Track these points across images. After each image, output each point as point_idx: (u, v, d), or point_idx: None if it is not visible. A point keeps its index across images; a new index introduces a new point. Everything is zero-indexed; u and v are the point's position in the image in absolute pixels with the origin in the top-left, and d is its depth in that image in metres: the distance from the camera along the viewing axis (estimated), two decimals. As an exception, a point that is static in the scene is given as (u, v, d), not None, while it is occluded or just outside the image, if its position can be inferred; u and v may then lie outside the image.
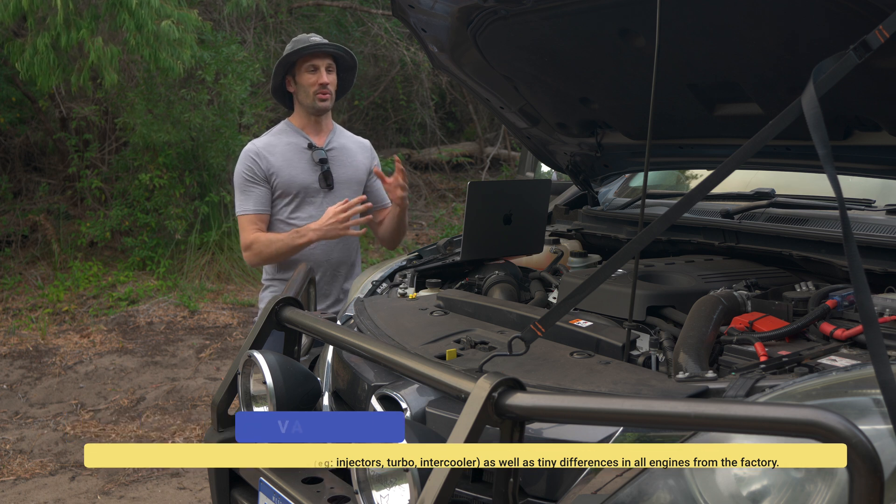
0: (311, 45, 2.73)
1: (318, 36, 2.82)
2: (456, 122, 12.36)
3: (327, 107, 2.79)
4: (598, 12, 1.89)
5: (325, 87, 2.75)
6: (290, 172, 2.75)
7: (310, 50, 2.73)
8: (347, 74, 2.90)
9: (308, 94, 2.77)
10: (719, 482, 1.07)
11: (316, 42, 2.75)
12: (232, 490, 1.76)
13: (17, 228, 7.19)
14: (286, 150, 2.78)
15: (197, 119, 6.98)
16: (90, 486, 3.49)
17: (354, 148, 2.91)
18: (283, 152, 2.77)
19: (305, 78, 2.76)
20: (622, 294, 1.74)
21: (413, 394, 1.46)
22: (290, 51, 2.75)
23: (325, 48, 2.74)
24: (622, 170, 2.80)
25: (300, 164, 2.77)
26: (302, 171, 2.76)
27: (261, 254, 2.72)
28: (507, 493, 1.13)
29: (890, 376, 0.92)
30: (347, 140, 2.92)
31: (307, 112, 2.81)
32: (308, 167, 2.77)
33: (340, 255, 2.83)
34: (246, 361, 1.67)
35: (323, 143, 2.83)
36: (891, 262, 1.73)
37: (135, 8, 5.24)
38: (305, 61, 2.76)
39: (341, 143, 2.87)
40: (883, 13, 1.28)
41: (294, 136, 2.82)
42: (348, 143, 2.90)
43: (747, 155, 1.20)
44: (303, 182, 2.76)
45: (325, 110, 2.80)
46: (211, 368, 5.11)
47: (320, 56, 2.75)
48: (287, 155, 2.77)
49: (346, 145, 2.88)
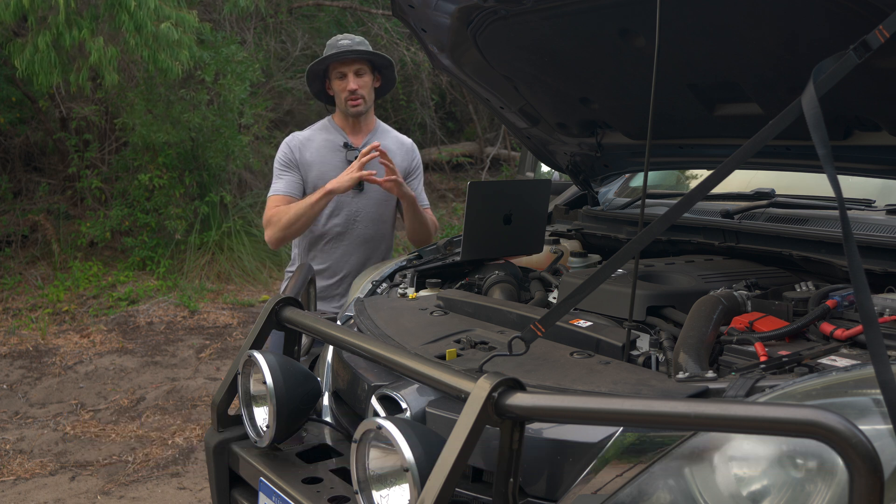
0: (334, 53, 2.74)
1: (349, 38, 2.81)
2: (456, 122, 12.36)
3: (360, 111, 2.80)
4: (598, 12, 1.89)
5: (355, 92, 2.76)
6: (321, 168, 2.78)
7: (333, 59, 2.73)
8: (387, 72, 2.90)
9: (341, 100, 2.81)
10: (719, 482, 1.07)
11: (343, 48, 2.75)
12: (232, 490, 1.76)
13: (17, 228, 7.18)
14: (322, 146, 2.82)
15: (196, 119, 6.98)
16: (90, 486, 3.49)
17: (393, 148, 2.89)
18: (319, 148, 2.81)
19: (336, 84, 2.80)
20: (622, 294, 1.74)
21: (413, 394, 1.46)
22: (317, 60, 2.79)
23: (349, 55, 2.74)
24: (622, 170, 2.80)
25: (333, 161, 2.80)
26: (334, 168, 2.78)
27: (279, 222, 2.71)
28: (507, 493, 1.13)
29: (890, 376, 0.92)
30: (388, 140, 2.91)
31: (345, 114, 2.83)
32: (341, 165, 2.79)
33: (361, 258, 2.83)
34: (246, 361, 1.67)
35: (360, 142, 2.84)
36: (891, 262, 1.73)
37: (133, 9, 5.25)
38: (335, 68, 2.77)
39: (381, 144, 2.86)
40: (883, 13, 1.28)
41: (332, 133, 2.86)
42: (389, 143, 2.89)
43: (747, 155, 1.20)
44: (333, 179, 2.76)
45: (358, 114, 2.82)
46: (211, 368, 5.11)
47: (347, 62, 2.75)
48: (322, 151, 2.81)
49: (387, 146, 2.84)
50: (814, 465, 1.02)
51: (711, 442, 1.10)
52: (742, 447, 1.08)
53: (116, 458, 3.78)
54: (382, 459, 1.26)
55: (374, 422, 1.23)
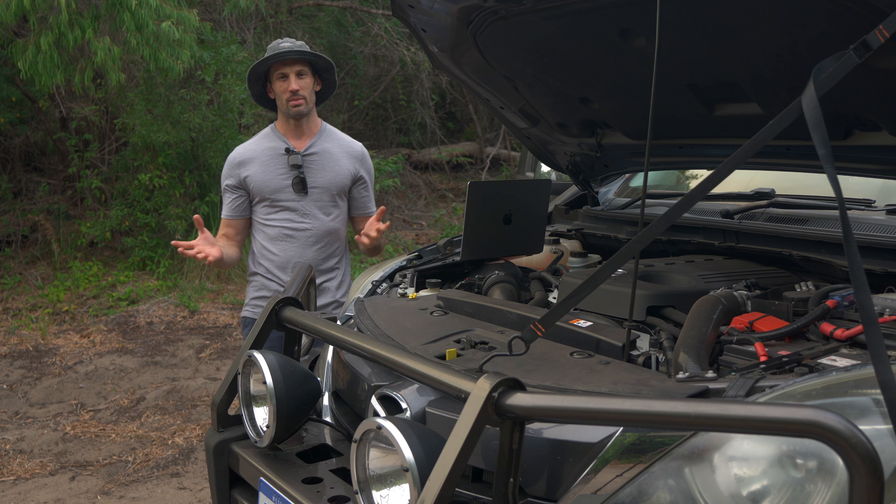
0: (276, 54, 2.75)
1: (290, 41, 2.82)
2: (456, 122, 12.37)
3: (301, 112, 2.80)
4: (598, 12, 1.89)
5: (297, 93, 2.77)
6: (263, 178, 2.81)
7: (275, 59, 2.74)
8: (327, 76, 2.90)
9: (282, 102, 2.81)
10: (719, 482, 1.07)
11: (283, 49, 2.76)
12: (232, 490, 1.76)
13: (17, 228, 7.19)
14: (264, 155, 2.84)
15: (196, 119, 6.99)
16: (90, 486, 3.49)
17: (338, 153, 2.88)
18: (261, 158, 2.83)
19: (277, 86, 2.80)
20: (622, 294, 1.74)
21: (413, 394, 1.46)
22: (258, 61, 2.79)
23: (291, 55, 2.74)
24: (622, 170, 2.80)
25: (275, 169, 2.81)
26: (276, 175, 2.80)
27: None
28: (507, 493, 1.13)
29: (890, 376, 0.92)
30: (334, 144, 2.89)
31: (287, 117, 2.84)
32: (283, 172, 2.80)
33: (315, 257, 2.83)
34: (246, 361, 1.67)
35: (302, 147, 2.83)
36: (891, 262, 1.73)
37: (135, 8, 5.25)
38: (276, 69, 2.78)
39: (324, 147, 2.86)
40: (883, 13, 1.28)
41: (274, 140, 2.86)
42: (333, 147, 2.88)
43: (747, 155, 1.20)
44: (276, 186, 2.80)
45: (300, 115, 2.81)
46: (211, 368, 5.11)
47: (288, 63, 2.76)
48: (264, 160, 2.83)
49: (330, 150, 2.86)
50: (814, 465, 1.02)
51: (711, 442, 1.10)
52: (742, 447, 1.08)
53: (116, 458, 3.78)
54: (382, 459, 1.26)
55: (374, 422, 1.23)
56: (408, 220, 9.49)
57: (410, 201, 10.12)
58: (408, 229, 9.18)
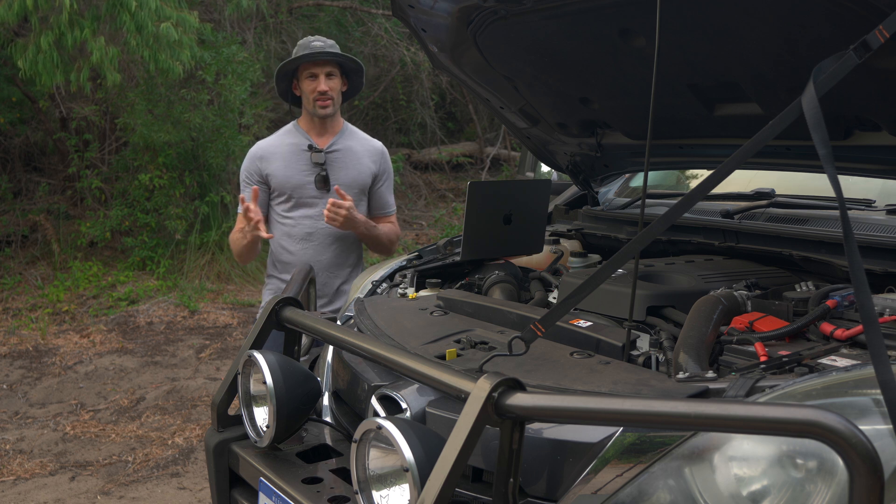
0: (308, 53, 2.74)
1: (322, 40, 2.81)
2: (456, 122, 12.37)
3: (328, 113, 2.80)
4: (598, 12, 1.89)
5: (325, 94, 2.77)
6: (285, 173, 2.79)
7: (306, 59, 2.74)
8: (355, 77, 2.90)
9: (309, 101, 2.80)
10: (719, 482, 1.07)
11: (316, 49, 2.75)
12: (232, 490, 1.76)
13: (17, 228, 7.19)
14: (286, 150, 2.82)
15: (197, 119, 6.98)
16: (90, 486, 3.49)
17: (360, 151, 2.89)
18: (283, 153, 2.82)
19: (306, 85, 2.80)
20: (622, 294, 1.74)
21: (413, 394, 1.46)
22: (289, 59, 2.78)
23: (323, 56, 2.74)
24: (622, 170, 2.80)
25: (297, 165, 2.80)
26: (298, 171, 2.79)
27: (234, 251, 2.86)
28: (507, 493, 1.13)
29: (890, 376, 0.92)
30: (356, 143, 2.91)
31: (311, 116, 2.84)
32: (305, 168, 2.80)
33: (333, 257, 2.83)
34: (246, 361, 1.67)
35: (325, 144, 2.83)
36: (891, 262, 1.73)
37: (134, 9, 5.26)
38: (305, 69, 2.78)
39: (347, 145, 2.87)
40: (883, 13, 1.28)
41: (297, 136, 2.85)
42: (356, 145, 2.89)
43: (747, 155, 1.20)
44: (298, 183, 2.79)
45: (326, 116, 2.81)
46: (211, 368, 5.11)
47: (319, 63, 2.76)
48: (286, 156, 2.81)
49: (353, 148, 2.87)
50: (814, 465, 1.02)
51: (711, 442, 1.10)
52: (742, 447, 1.08)
53: (116, 458, 3.78)
54: (382, 459, 1.26)
55: (374, 422, 1.23)
56: (408, 220, 9.50)
57: (410, 201, 10.12)
58: (408, 229, 9.18)
